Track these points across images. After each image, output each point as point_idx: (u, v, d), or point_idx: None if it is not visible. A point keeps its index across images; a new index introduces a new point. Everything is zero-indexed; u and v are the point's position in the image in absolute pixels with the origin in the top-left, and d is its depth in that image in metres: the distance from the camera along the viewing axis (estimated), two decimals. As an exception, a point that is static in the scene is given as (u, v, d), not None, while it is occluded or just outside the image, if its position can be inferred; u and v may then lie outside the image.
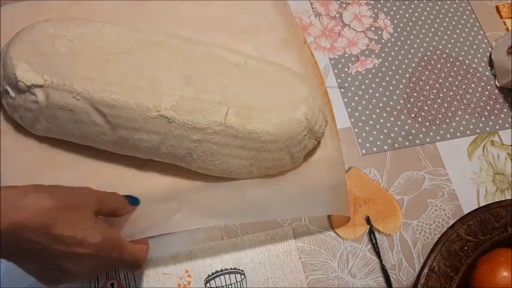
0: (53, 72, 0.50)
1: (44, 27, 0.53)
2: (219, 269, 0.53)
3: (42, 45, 0.52)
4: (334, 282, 0.54)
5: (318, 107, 0.54)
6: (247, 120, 0.51)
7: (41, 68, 0.50)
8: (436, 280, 0.47)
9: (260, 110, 0.51)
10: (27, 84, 0.50)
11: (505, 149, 0.64)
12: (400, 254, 0.56)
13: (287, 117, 0.52)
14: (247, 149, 0.52)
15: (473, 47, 0.70)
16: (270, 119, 0.51)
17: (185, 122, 0.50)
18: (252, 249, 0.54)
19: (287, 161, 0.54)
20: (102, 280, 0.51)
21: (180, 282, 0.52)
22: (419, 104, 0.65)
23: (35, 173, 0.53)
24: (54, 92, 0.50)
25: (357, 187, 0.59)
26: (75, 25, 0.53)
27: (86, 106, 0.50)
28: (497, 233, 0.50)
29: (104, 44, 0.52)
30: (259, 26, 0.64)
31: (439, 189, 0.60)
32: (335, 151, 0.58)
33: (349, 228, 0.56)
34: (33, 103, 0.51)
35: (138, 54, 0.52)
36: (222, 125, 0.50)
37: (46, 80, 0.50)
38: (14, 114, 0.53)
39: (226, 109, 0.51)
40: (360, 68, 0.66)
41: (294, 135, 0.52)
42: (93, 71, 0.50)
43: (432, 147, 0.62)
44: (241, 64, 0.54)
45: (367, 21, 0.70)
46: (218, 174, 0.54)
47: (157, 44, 0.53)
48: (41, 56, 0.51)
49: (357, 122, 0.63)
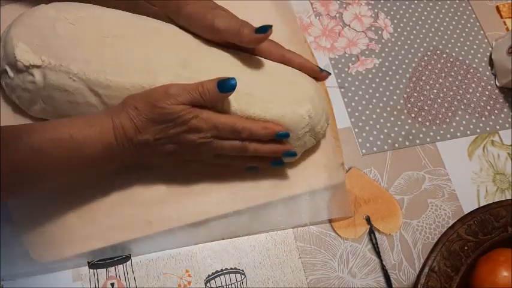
0: (51, 54, 0.50)
1: (45, 10, 0.53)
2: (219, 268, 0.53)
3: (43, 27, 0.52)
4: (334, 282, 0.54)
5: (322, 108, 0.54)
6: (247, 107, 0.51)
7: (40, 49, 0.51)
8: (436, 280, 0.47)
9: (262, 99, 0.51)
10: (25, 65, 0.50)
11: (505, 149, 0.64)
12: (400, 254, 0.56)
13: (290, 111, 0.52)
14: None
15: (473, 47, 0.70)
16: (272, 109, 0.51)
17: None
18: (252, 249, 0.54)
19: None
20: (102, 280, 0.51)
21: (180, 282, 0.52)
22: (420, 104, 0.65)
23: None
24: (51, 73, 0.50)
25: (357, 187, 0.59)
26: (76, 9, 0.54)
27: (82, 87, 0.50)
28: (497, 233, 0.50)
29: (103, 27, 0.52)
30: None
31: (439, 189, 0.60)
32: (335, 151, 0.58)
33: (350, 228, 0.56)
34: (30, 83, 0.51)
35: (136, 38, 0.52)
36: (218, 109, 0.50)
37: (44, 60, 0.50)
38: (12, 95, 0.54)
39: None
40: (360, 68, 0.66)
41: (294, 129, 0.52)
42: (90, 53, 0.50)
43: (432, 147, 0.62)
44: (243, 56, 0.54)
45: (368, 21, 0.70)
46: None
47: (157, 30, 0.53)
48: (40, 38, 0.51)
49: (357, 122, 0.63)
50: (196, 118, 0.47)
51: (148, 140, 0.47)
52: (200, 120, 0.47)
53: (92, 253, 0.51)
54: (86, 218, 0.52)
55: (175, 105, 0.46)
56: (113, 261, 0.52)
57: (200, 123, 0.47)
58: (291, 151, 0.52)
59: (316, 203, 0.56)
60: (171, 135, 0.47)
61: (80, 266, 0.51)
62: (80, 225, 0.51)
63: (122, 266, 0.52)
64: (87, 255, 0.51)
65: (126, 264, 0.52)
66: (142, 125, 0.46)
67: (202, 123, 0.47)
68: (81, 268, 0.51)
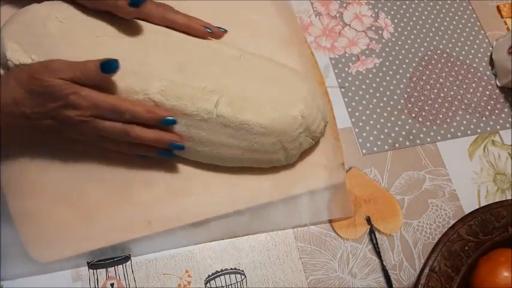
0: (41, 52, 0.50)
1: (37, 9, 0.53)
2: (219, 269, 0.53)
3: (34, 26, 0.52)
4: (334, 283, 0.54)
5: (316, 107, 0.54)
6: (240, 111, 0.51)
7: (31, 48, 0.50)
8: (436, 280, 0.47)
9: (255, 103, 0.51)
10: (15, 63, 0.50)
11: (505, 149, 0.63)
12: (400, 254, 0.56)
13: (282, 113, 0.52)
14: (239, 138, 0.51)
15: (473, 47, 0.70)
16: (264, 113, 0.51)
17: (173, 107, 0.50)
18: (252, 250, 0.54)
19: (281, 157, 0.54)
20: (101, 280, 0.51)
21: (180, 282, 0.52)
22: (420, 104, 0.65)
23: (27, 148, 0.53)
24: None
25: (357, 187, 0.59)
26: (68, 7, 0.53)
27: None
28: (498, 233, 0.50)
29: (96, 27, 0.52)
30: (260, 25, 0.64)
31: (440, 189, 0.60)
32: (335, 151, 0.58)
33: (350, 228, 0.56)
34: None
35: (129, 38, 0.52)
36: (212, 113, 0.50)
37: (34, 59, 0.50)
38: None
39: (217, 98, 0.50)
40: (361, 67, 0.66)
41: (288, 131, 0.52)
42: (82, 52, 0.50)
43: (433, 147, 0.62)
44: (237, 57, 0.54)
45: (368, 20, 0.70)
46: (209, 161, 0.54)
47: (151, 31, 0.53)
48: (31, 36, 0.51)
49: (358, 122, 0.62)
50: (75, 94, 0.46)
51: (26, 113, 0.47)
52: (79, 96, 0.46)
53: (92, 253, 0.51)
54: (86, 218, 0.52)
55: (55, 79, 0.46)
56: (113, 261, 0.52)
57: (79, 99, 0.46)
58: (177, 143, 0.50)
59: (317, 203, 0.56)
60: (49, 109, 0.47)
61: (80, 266, 0.51)
62: (79, 225, 0.51)
63: (122, 266, 0.52)
64: (87, 255, 0.51)
65: (125, 265, 0.52)
66: (20, 96, 0.46)
67: (81, 100, 0.47)
68: (80, 268, 0.51)
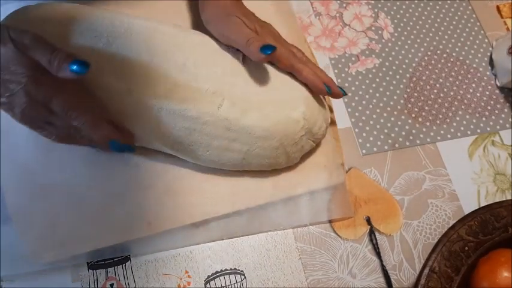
0: None
1: (35, 9, 0.53)
2: (218, 269, 0.53)
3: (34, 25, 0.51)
4: (334, 283, 0.54)
5: (318, 108, 0.54)
6: (243, 114, 0.51)
7: None
8: (436, 280, 0.47)
9: (257, 105, 0.51)
10: None
11: (505, 149, 0.63)
12: (400, 255, 0.56)
13: (284, 115, 0.51)
14: (240, 142, 0.51)
15: (473, 47, 0.70)
16: (267, 115, 0.51)
17: (175, 111, 0.50)
18: (252, 250, 0.54)
19: (282, 160, 0.54)
20: (101, 281, 0.51)
21: (180, 282, 0.52)
22: (420, 104, 0.65)
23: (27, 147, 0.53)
24: None
25: (357, 187, 0.59)
26: (67, 8, 0.53)
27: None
28: (497, 233, 0.50)
29: (96, 28, 0.52)
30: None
31: (440, 189, 0.60)
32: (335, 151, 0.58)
33: (350, 228, 0.56)
34: None
35: (131, 39, 0.52)
36: (214, 116, 0.50)
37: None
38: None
39: (220, 100, 0.50)
40: (361, 67, 0.66)
41: (290, 134, 0.52)
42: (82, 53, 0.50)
43: (433, 147, 0.62)
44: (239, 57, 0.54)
45: (368, 21, 0.70)
46: (209, 164, 0.54)
47: (152, 30, 0.53)
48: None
49: (357, 122, 0.62)
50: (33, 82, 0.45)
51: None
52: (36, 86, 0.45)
53: (91, 253, 0.51)
54: (86, 218, 0.52)
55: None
56: (112, 261, 0.52)
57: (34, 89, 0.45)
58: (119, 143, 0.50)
59: (316, 203, 0.56)
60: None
61: (79, 267, 0.51)
62: (79, 225, 0.51)
63: (121, 266, 0.52)
64: (87, 255, 0.51)
65: (125, 265, 0.52)
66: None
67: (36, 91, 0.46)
68: (80, 268, 0.51)
